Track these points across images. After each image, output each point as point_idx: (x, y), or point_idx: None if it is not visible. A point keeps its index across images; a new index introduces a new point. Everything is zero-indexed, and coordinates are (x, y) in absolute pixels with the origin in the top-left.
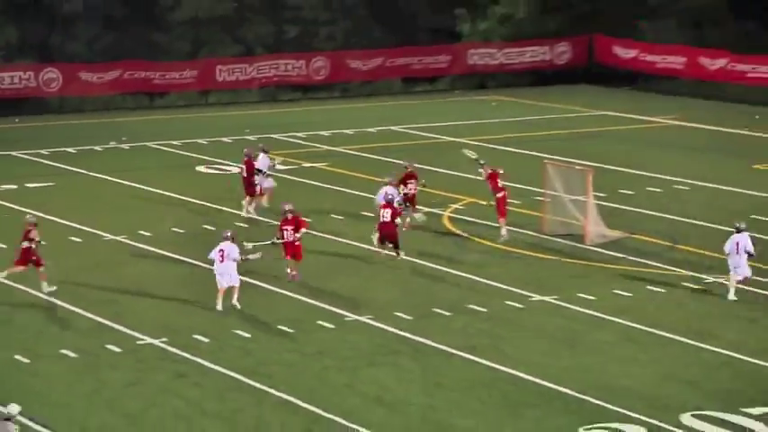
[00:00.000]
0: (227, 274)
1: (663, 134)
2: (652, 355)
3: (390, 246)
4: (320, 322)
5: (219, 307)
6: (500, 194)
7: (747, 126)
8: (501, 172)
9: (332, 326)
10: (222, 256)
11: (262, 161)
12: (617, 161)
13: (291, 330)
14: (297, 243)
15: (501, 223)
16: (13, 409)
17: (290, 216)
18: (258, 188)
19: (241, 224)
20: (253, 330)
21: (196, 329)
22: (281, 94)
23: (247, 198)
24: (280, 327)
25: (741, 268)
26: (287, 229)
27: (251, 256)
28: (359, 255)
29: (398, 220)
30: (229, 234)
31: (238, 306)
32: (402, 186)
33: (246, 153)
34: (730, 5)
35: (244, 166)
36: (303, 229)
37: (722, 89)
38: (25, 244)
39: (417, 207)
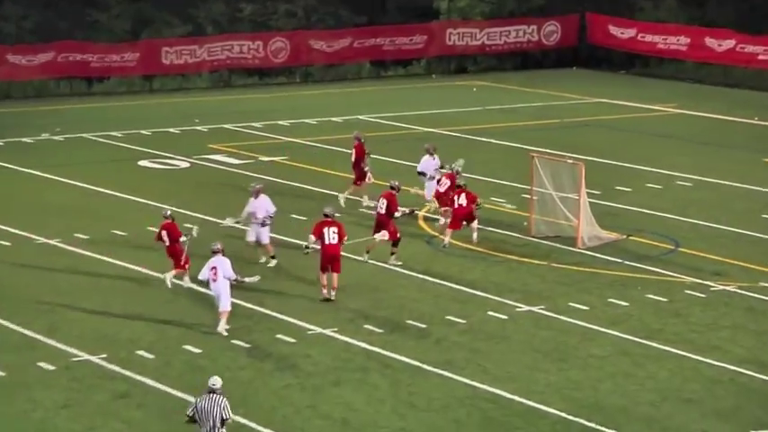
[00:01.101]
0: (223, 295)
1: (664, 124)
2: (650, 370)
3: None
4: (279, 336)
5: (222, 330)
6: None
7: (758, 115)
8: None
9: (293, 340)
10: (215, 273)
11: (426, 163)
12: (612, 154)
13: (247, 345)
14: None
15: (447, 233)
16: (217, 381)
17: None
18: (367, 178)
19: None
20: (204, 344)
21: (139, 344)
22: (234, 78)
23: (352, 187)
24: (234, 341)
25: None
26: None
27: (248, 279)
28: None
29: (398, 214)
30: (219, 247)
31: (225, 333)
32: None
33: (356, 136)
34: None
35: (353, 151)
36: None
37: (730, 73)
38: (183, 239)
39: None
